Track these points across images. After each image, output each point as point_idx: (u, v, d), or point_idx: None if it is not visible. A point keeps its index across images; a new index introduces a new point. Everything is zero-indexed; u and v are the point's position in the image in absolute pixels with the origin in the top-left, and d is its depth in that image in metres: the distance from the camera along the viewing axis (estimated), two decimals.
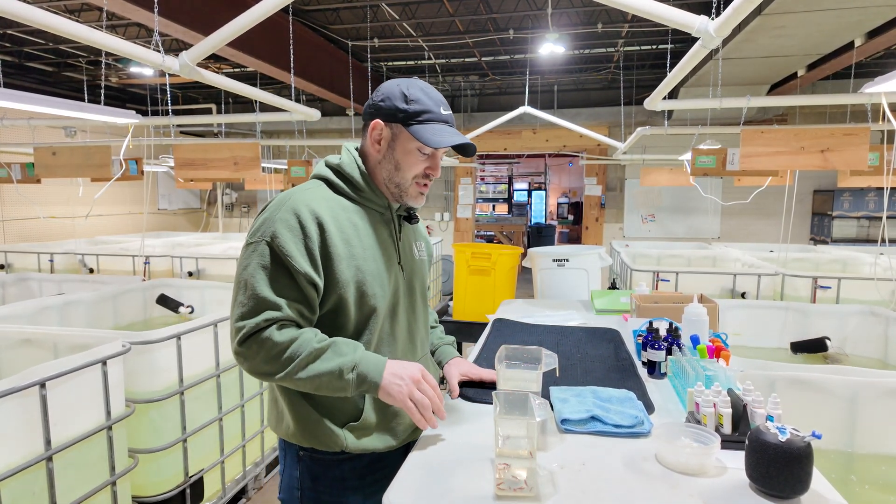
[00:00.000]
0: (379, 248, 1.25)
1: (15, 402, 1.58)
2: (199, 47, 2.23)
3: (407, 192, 1.26)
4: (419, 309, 1.37)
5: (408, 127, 1.21)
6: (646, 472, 1.08)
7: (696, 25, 1.79)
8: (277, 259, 1.12)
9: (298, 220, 1.14)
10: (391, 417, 1.26)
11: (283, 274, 1.13)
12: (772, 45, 4.04)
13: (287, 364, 1.10)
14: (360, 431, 1.22)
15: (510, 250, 3.87)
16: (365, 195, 1.26)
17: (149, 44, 4.84)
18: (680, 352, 1.64)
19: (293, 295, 1.13)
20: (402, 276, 1.30)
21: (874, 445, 1.58)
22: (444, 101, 1.26)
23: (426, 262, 1.44)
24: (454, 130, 1.25)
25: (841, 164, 2.82)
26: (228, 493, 2.57)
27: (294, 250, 1.12)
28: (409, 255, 1.35)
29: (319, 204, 1.18)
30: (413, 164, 1.24)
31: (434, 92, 1.25)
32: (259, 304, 1.11)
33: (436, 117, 1.22)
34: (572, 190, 13.96)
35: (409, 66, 6.51)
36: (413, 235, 1.41)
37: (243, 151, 3.66)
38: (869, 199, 6.41)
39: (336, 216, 1.19)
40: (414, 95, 1.22)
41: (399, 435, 1.28)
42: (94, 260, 4.62)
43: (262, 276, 1.12)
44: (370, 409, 1.23)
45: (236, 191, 8.96)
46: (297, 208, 1.15)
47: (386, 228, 1.29)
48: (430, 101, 1.22)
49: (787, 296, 3.51)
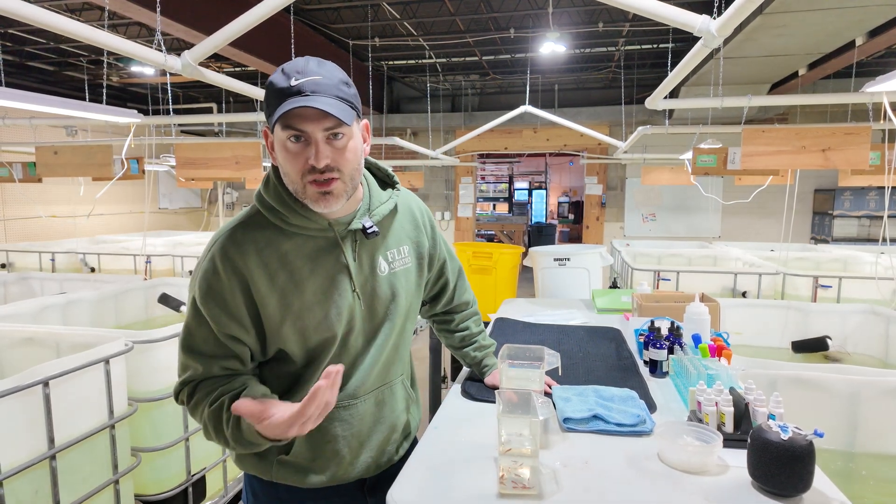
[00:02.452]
0: (322, 282, 1.07)
1: (18, 400, 1.59)
2: (202, 47, 2.23)
3: (304, 194, 1.02)
4: (384, 331, 1.17)
5: (270, 119, 1.01)
6: (648, 471, 1.08)
7: (697, 25, 1.79)
8: (200, 316, 1.04)
9: (216, 270, 1.03)
10: (330, 456, 1.14)
11: (206, 331, 1.04)
12: (773, 45, 4.04)
13: (205, 430, 1.05)
14: (290, 467, 1.13)
15: (511, 249, 3.88)
16: (292, 221, 1.06)
17: (149, 43, 4.85)
18: (682, 351, 1.64)
19: (217, 352, 1.04)
20: (358, 306, 1.12)
21: (875, 444, 1.58)
22: (309, 69, 0.99)
23: (410, 270, 1.22)
24: (300, 99, 0.96)
25: (842, 163, 2.82)
26: (230, 492, 2.58)
27: (214, 308, 1.02)
28: (369, 276, 1.13)
29: (242, 246, 1.04)
30: (290, 159, 1.01)
31: (300, 61, 1.01)
32: (183, 366, 1.06)
33: (286, 91, 0.97)
34: (573, 189, 13.95)
35: (410, 66, 6.51)
36: (383, 246, 1.17)
37: (245, 151, 3.67)
38: (870, 198, 6.41)
39: (262, 256, 1.04)
40: (269, 80, 1.01)
41: (339, 475, 1.16)
42: (96, 259, 4.63)
43: (188, 335, 1.06)
44: (302, 443, 1.12)
45: (237, 190, 8.96)
46: (217, 255, 1.04)
47: (331, 255, 1.09)
48: (281, 77, 0.99)
49: (788, 295, 3.51)
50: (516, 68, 6.47)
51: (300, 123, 0.98)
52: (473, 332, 1.48)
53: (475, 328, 1.49)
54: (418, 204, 1.30)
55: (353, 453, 1.16)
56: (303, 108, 0.96)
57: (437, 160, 6.44)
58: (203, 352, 1.04)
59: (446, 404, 1.41)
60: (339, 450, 1.14)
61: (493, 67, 6.46)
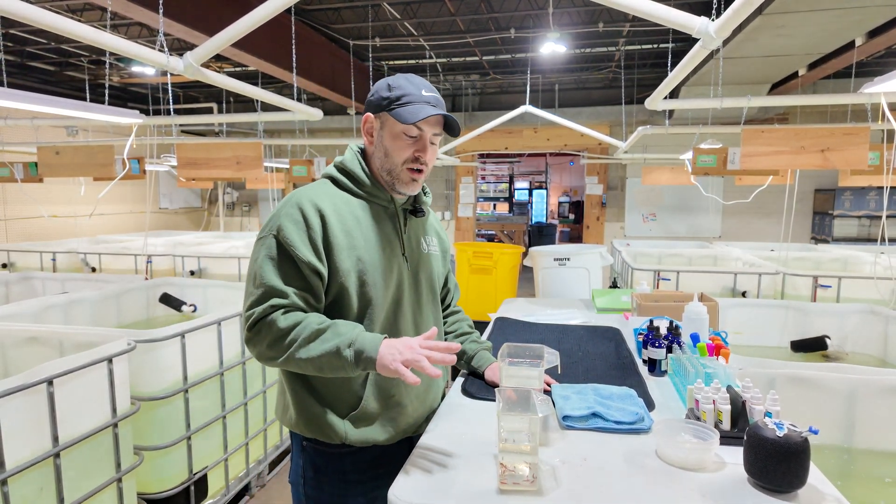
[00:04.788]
0: (381, 240, 1.28)
1: (23, 399, 1.60)
2: (204, 48, 2.24)
3: (399, 177, 1.28)
4: (426, 303, 1.38)
5: (390, 112, 1.24)
6: (646, 468, 1.09)
7: (696, 27, 1.80)
8: (283, 250, 1.18)
9: (302, 213, 1.20)
10: (393, 407, 1.28)
11: (289, 264, 1.18)
12: (772, 45, 4.05)
13: (289, 346, 1.14)
14: (360, 421, 1.24)
15: (511, 249, 3.89)
16: (367, 189, 1.30)
17: (151, 43, 4.86)
18: (680, 350, 1.65)
19: (299, 284, 1.18)
20: (406, 268, 1.32)
21: (872, 442, 1.60)
22: (429, 86, 1.28)
23: (438, 258, 1.45)
24: (434, 108, 1.24)
25: (841, 163, 2.83)
26: (232, 491, 2.59)
27: (298, 241, 1.18)
28: (414, 248, 1.37)
29: (322, 199, 1.24)
30: (400, 148, 1.26)
31: (419, 80, 1.28)
32: (266, 293, 1.17)
33: (416, 99, 1.24)
34: (573, 189, 13.96)
35: (411, 66, 6.51)
36: (422, 230, 1.42)
37: (246, 151, 3.67)
38: (870, 198, 6.41)
39: (338, 210, 1.24)
40: (396, 83, 1.26)
41: (401, 426, 1.29)
42: (97, 259, 4.64)
43: (269, 267, 1.18)
44: (371, 397, 1.25)
45: (237, 190, 8.98)
46: (301, 203, 1.21)
47: (390, 222, 1.32)
48: (411, 86, 1.25)
49: (788, 295, 3.52)
50: (517, 68, 6.48)
51: (424, 125, 1.24)
52: (467, 331, 1.59)
53: (468, 328, 1.60)
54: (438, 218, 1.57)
55: (412, 405, 1.32)
56: (436, 115, 1.23)
57: (438, 160, 6.45)
58: (288, 282, 1.18)
59: (447, 402, 1.43)
60: (401, 401, 1.29)
61: (494, 67, 6.47)
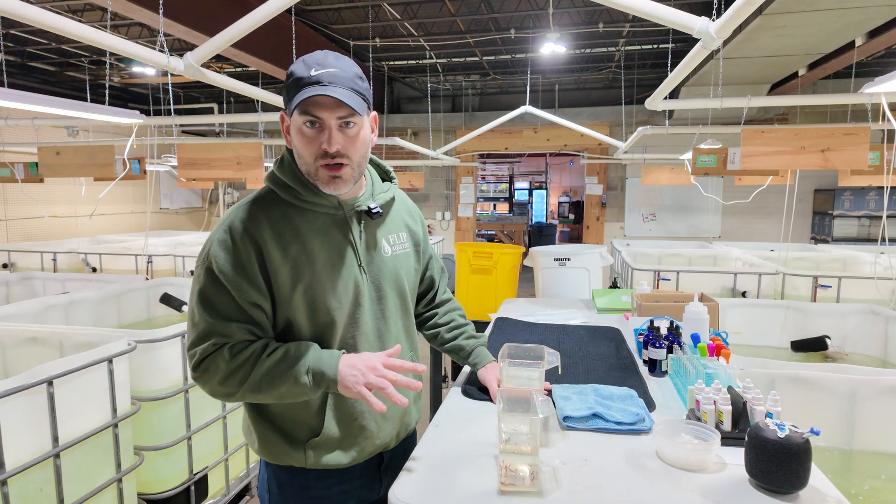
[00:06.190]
0: (330, 255, 1.14)
1: (23, 399, 1.60)
2: (204, 48, 2.24)
3: (316, 177, 1.11)
4: (392, 315, 1.25)
5: (288, 104, 1.09)
6: (647, 468, 1.09)
7: (696, 27, 1.80)
8: (219, 283, 1.08)
9: (233, 239, 1.09)
10: (357, 432, 1.20)
11: (227, 298, 1.08)
12: (773, 45, 4.05)
13: (242, 382, 1.07)
14: (321, 448, 1.17)
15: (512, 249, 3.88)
16: (305, 198, 1.14)
17: (151, 43, 4.87)
18: (680, 350, 1.65)
19: (241, 317, 1.09)
20: (364, 280, 1.19)
21: (873, 443, 1.60)
22: (326, 61, 1.08)
23: (408, 255, 1.31)
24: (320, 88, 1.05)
25: (841, 163, 2.83)
26: (232, 491, 2.59)
27: (231, 274, 1.07)
28: (374, 255, 1.22)
29: (257, 218, 1.11)
30: (304, 143, 1.09)
31: (320, 55, 1.09)
32: (207, 331, 1.08)
33: (304, 81, 1.06)
34: (573, 189, 13.96)
35: (411, 66, 6.52)
36: (383, 229, 1.26)
37: (246, 151, 3.67)
38: (870, 198, 6.41)
39: (276, 228, 1.11)
40: (291, 69, 1.09)
41: (367, 449, 1.21)
42: (97, 259, 4.64)
43: (207, 302, 1.08)
44: (332, 421, 1.17)
45: (237, 190, 8.98)
46: (233, 226, 1.10)
47: (339, 231, 1.17)
48: (302, 66, 1.07)
49: (788, 295, 3.52)
50: (517, 68, 6.48)
51: (317, 110, 1.06)
52: (461, 323, 1.49)
53: (461, 319, 1.50)
54: (410, 201, 1.42)
55: (378, 427, 1.22)
56: (320, 96, 1.05)
57: (438, 160, 6.45)
58: (228, 317, 1.08)
59: (447, 403, 1.43)
60: (365, 425, 1.20)
61: (494, 68, 6.47)
